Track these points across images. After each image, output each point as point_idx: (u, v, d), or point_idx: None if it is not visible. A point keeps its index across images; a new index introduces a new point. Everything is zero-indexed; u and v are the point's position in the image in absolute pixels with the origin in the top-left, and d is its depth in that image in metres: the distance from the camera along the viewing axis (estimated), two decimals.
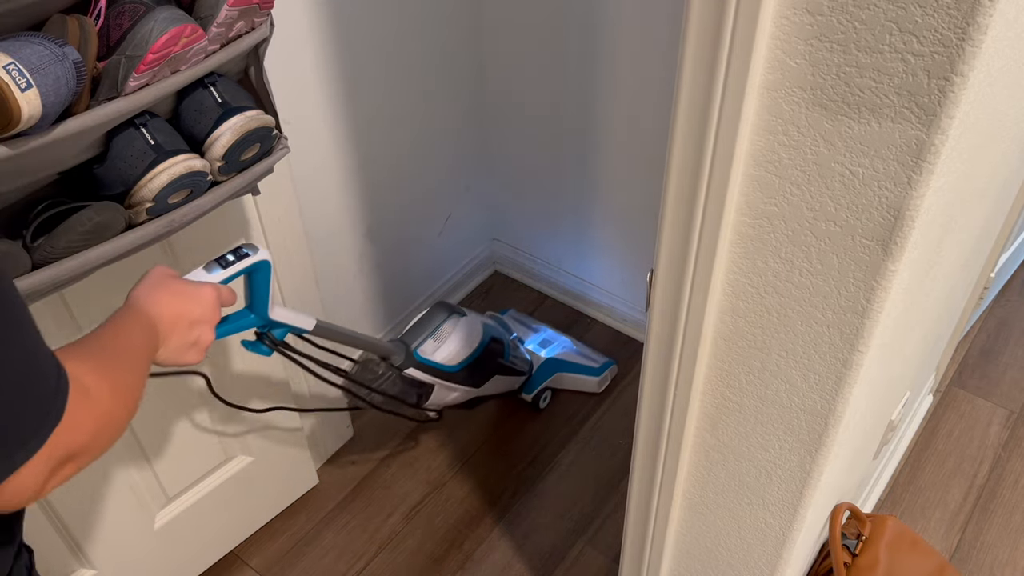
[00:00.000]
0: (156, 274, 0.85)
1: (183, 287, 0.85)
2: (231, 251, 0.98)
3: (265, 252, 1.00)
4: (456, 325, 1.57)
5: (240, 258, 0.97)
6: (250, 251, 0.98)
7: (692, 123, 0.70)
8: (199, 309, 0.85)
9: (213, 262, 0.96)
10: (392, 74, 1.61)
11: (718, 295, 0.83)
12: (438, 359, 1.51)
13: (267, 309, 1.07)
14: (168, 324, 0.81)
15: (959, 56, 0.57)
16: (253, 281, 1.04)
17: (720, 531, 1.08)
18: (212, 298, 0.87)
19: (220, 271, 0.95)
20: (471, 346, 1.57)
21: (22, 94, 0.72)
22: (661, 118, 1.63)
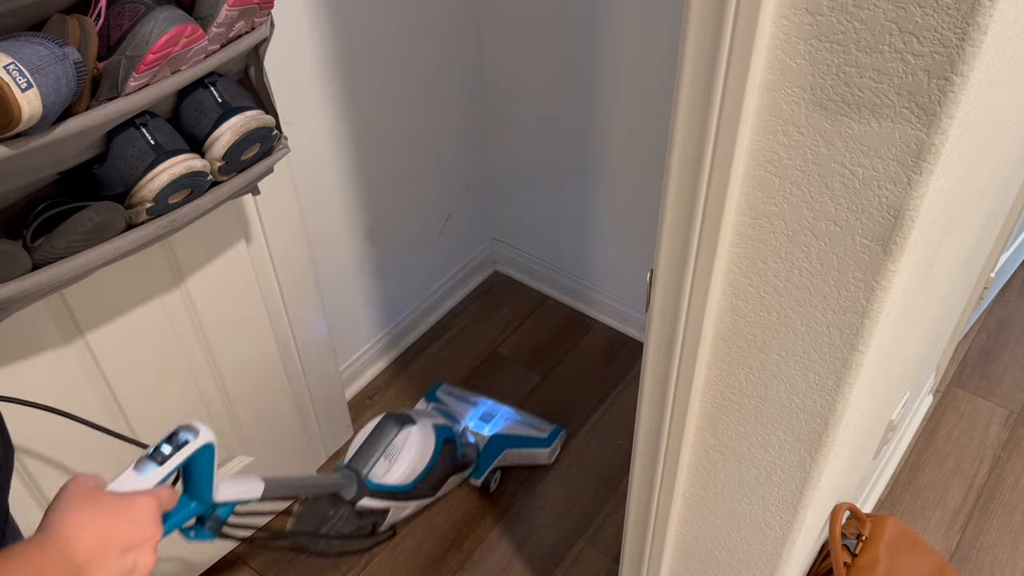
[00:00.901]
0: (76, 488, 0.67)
1: (116, 503, 0.67)
2: (166, 439, 0.80)
3: (207, 432, 0.83)
4: (408, 437, 1.45)
5: (178, 447, 0.80)
6: (189, 435, 0.81)
7: (692, 123, 0.70)
8: (134, 530, 0.67)
9: (146, 458, 0.78)
10: (392, 74, 1.61)
11: (718, 295, 0.83)
12: (392, 481, 1.40)
13: (211, 494, 0.89)
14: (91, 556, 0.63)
15: (959, 56, 0.57)
16: (193, 467, 0.85)
17: (720, 531, 1.08)
18: (151, 512, 0.70)
19: (155, 469, 0.77)
20: (426, 458, 1.46)
21: (22, 94, 0.72)
22: (661, 118, 1.63)
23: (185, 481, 0.87)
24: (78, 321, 1.12)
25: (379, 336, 1.94)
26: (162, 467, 0.77)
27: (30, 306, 1.00)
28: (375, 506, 1.37)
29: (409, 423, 1.47)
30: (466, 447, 1.63)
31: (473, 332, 2.06)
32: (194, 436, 0.81)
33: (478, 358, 2.00)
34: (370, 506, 1.35)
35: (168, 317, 1.24)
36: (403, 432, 1.45)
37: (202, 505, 0.89)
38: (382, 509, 1.39)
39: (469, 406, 1.80)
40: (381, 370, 1.97)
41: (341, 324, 1.79)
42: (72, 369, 1.15)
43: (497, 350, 2.01)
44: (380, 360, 1.97)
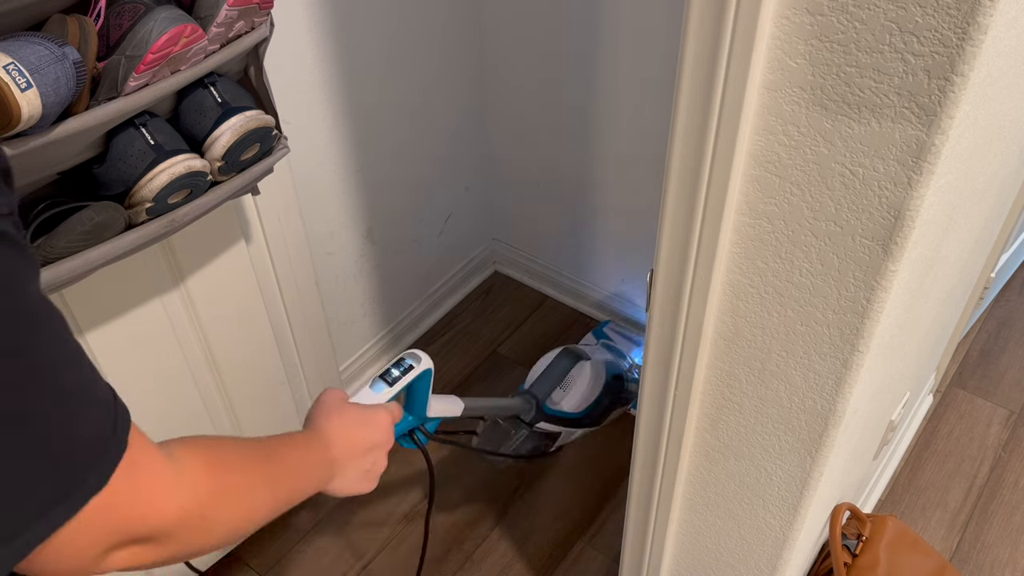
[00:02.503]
0: (330, 399, 0.81)
1: (361, 413, 0.81)
2: (394, 364, 0.97)
3: (427, 360, 1.00)
4: (582, 371, 1.62)
5: (405, 372, 0.97)
6: (413, 362, 0.98)
7: (692, 123, 0.70)
8: (376, 435, 0.81)
9: (378, 379, 0.95)
10: (392, 74, 1.61)
11: (718, 295, 0.83)
12: (566, 408, 1.56)
13: (426, 410, 1.06)
14: (346, 453, 0.77)
15: (959, 56, 0.57)
16: (414, 388, 1.02)
17: (720, 531, 1.08)
18: (388, 423, 0.84)
19: (387, 388, 0.94)
20: (596, 390, 1.62)
21: (22, 94, 0.72)
22: (661, 118, 1.63)
23: (406, 400, 1.03)
24: (78, 321, 1.12)
25: (379, 336, 1.94)
26: (391, 387, 0.94)
27: None
28: (550, 429, 1.53)
29: (584, 358, 1.63)
30: (630, 382, 1.74)
31: (473, 332, 2.06)
32: (417, 362, 0.99)
33: (478, 358, 2.00)
34: (545, 429, 1.52)
35: (168, 317, 1.24)
36: (578, 365, 1.61)
37: (417, 420, 1.06)
38: (555, 432, 1.55)
39: (633, 345, 1.90)
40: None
41: (341, 324, 1.79)
42: None
43: (497, 350, 2.01)
44: (380, 360, 1.97)
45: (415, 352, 1.00)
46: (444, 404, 1.12)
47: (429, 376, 1.02)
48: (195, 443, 0.55)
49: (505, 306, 2.13)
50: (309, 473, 0.71)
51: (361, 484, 0.80)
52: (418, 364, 0.99)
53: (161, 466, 0.49)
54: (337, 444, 0.76)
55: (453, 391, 1.91)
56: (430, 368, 1.01)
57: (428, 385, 1.03)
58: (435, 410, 1.09)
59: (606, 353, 1.74)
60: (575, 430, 1.61)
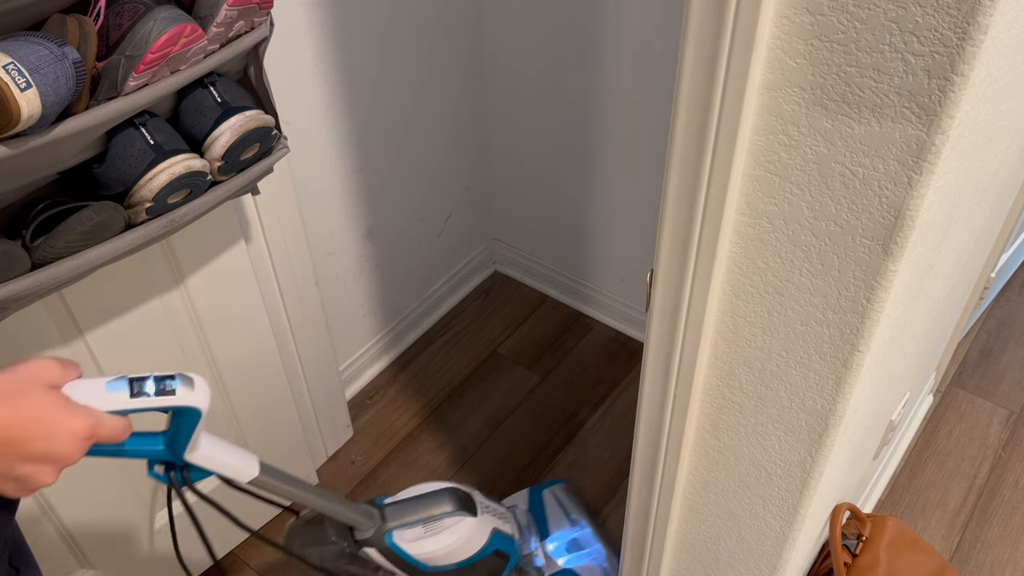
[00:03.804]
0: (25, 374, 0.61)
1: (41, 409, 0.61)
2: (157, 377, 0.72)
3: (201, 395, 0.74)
4: (459, 522, 1.25)
5: (160, 390, 0.71)
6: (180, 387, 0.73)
7: (692, 123, 0.70)
8: (43, 447, 0.60)
9: (124, 380, 0.70)
10: (392, 74, 1.61)
11: (718, 295, 0.83)
12: (414, 551, 1.19)
13: (184, 451, 0.81)
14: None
15: (959, 56, 0.57)
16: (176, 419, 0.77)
17: (720, 531, 1.08)
18: (79, 437, 0.62)
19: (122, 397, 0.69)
20: (464, 553, 1.26)
21: (22, 94, 0.72)
22: (661, 118, 1.63)
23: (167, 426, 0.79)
24: (77, 321, 1.12)
25: (379, 336, 1.94)
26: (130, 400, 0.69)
27: (29, 306, 1.00)
28: (380, 563, 1.20)
29: (469, 510, 1.28)
30: (525, 571, 1.44)
31: (473, 332, 2.06)
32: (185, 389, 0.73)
33: (478, 358, 2.00)
34: (376, 561, 1.19)
35: (167, 317, 1.24)
36: (457, 515, 1.25)
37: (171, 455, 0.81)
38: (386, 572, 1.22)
39: (566, 523, 1.57)
40: (381, 370, 1.97)
41: (341, 324, 1.79)
42: None
43: (497, 350, 2.01)
44: (380, 360, 1.97)
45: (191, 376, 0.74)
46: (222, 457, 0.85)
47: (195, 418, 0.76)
48: None
49: (505, 306, 2.13)
50: None
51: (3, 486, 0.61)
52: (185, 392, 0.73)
53: None
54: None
55: (453, 391, 1.92)
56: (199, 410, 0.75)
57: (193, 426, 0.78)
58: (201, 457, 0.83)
59: (506, 523, 1.35)
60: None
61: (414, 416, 1.87)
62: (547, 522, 1.55)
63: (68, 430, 0.61)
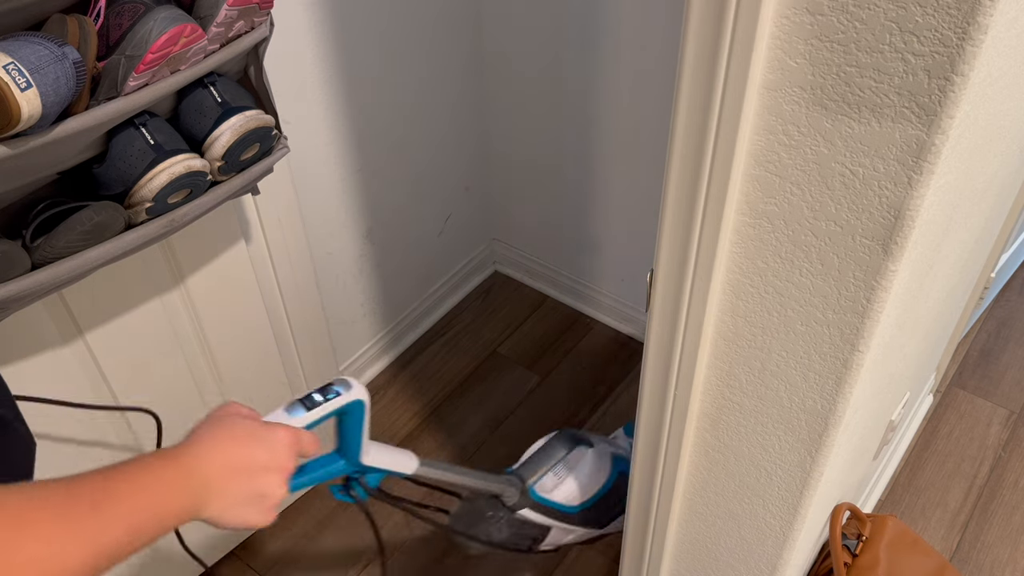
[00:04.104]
0: (222, 411, 0.70)
1: (251, 429, 0.69)
2: (319, 389, 0.84)
3: (359, 389, 0.85)
4: (581, 458, 1.37)
5: (329, 398, 0.83)
6: (342, 389, 0.84)
7: (692, 123, 0.70)
8: (266, 455, 0.68)
9: (297, 402, 0.82)
10: (392, 74, 1.61)
11: (718, 295, 0.83)
12: (557, 498, 1.32)
13: (359, 454, 0.92)
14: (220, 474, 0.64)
15: (959, 56, 0.57)
16: (343, 423, 0.89)
17: (720, 531, 1.08)
18: (286, 442, 0.71)
19: (303, 414, 0.81)
20: (597, 483, 1.37)
21: (22, 94, 0.72)
22: (662, 118, 1.63)
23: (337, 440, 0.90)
24: (77, 321, 1.12)
25: (379, 336, 1.94)
26: (309, 413, 0.80)
27: (29, 306, 1.00)
28: (536, 520, 1.29)
29: (585, 444, 1.38)
30: None
31: (473, 332, 2.06)
32: (345, 389, 0.84)
33: (478, 358, 2.00)
34: (531, 519, 1.29)
35: (167, 317, 1.24)
36: (577, 451, 1.36)
37: (350, 465, 0.92)
38: (543, 525, 1.31)
39: None
40: (381, 370, 1.97)
41: (341, 324, 1.79)
42: (71, 369, 1.15)
43: (497, 350, 2.01)
44: (380, 360, 1.97)
45: (346, 379, 0.86)
46: (388, 455, 0.96)
47: (361, 410, 0.87)
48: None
49: (505, 306, 2.13)
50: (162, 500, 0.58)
51: (249, 512, 0.67)
52: (347, 391, 0.84)
53: None
54: (212, 459, 0.63)
55: (453, 391, 1.92)
56: (362, 400, 0.85)
57: (360, 421, 0.88)
58: (374, 458, 0.93)
59: (618, 447, 1.48)
60: (570, 529, 1.35)
61: (414, 416, 1.87)
62: None
63: (278, 440, 0.70)
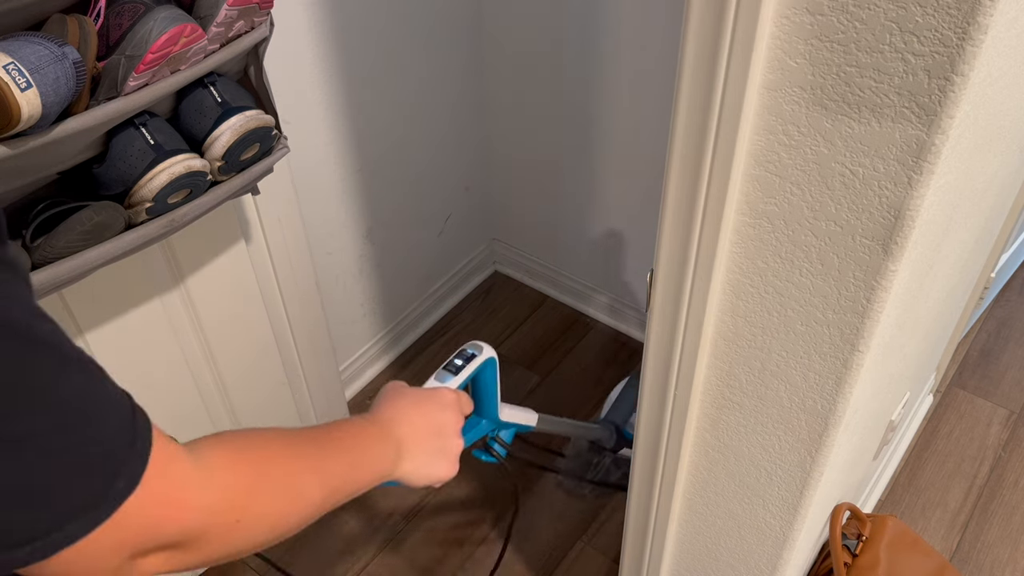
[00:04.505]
0: (391, 386, 0.79)
1: (422, 393, 0.79)
2: (456, 355, 0.94)
3: (489, 349, 0.96)
4: None
5: (468, 360, 0.93)
6: (475, 351, 0.95)
7: (692, 123, 0.70)
8: (442, 413, 0.78)
9: (441, 370, 0.92)
10: (392, 74, 1.61)
11: (718, 295, 0.83)
12: None
13: (497, 410, 1.02)
14: (411, 432, 0.73)
15: (959, 56, 0.57)
16: (480, 383, 0.99)
17: (720, 531, 1.08)
18: (453, 401, 0.80)
19: (452, 378, 0.91)
20: None
21: (22, 94, 0.72)
22: (662, 118, 1.63)
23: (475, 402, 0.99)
24: (77, 321, 1.12)
25: (379, 336, 1.94)
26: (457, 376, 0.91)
27: None
28: None
29: None
30: None
31: (473, 332, 2.06)
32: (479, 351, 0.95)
33: None
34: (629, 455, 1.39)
35: (167, 317, 1.24)
36: None
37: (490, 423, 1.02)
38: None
39: None
40: (381, 370, 1.97)
41: (341, 324, 1.79)
42: None
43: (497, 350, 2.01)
44: (380, 360, 1.97)
45: (476, 342, 0.96)
46: (517, 412, 1.09)
47: (494, 366, 0.98)
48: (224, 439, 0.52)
49: (505, 306, 2.13)
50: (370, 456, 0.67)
51: (438, 466, 0.76)
52: (480, 353, 0.95)
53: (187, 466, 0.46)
54: (400, 423, 0.72)
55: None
56: (494, 357, 0.97)
57: (495, 379, 0.99)
58: (508, 415, 1.05)
59: None
60: None
61: None
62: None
63: (448, 400, 0.80)
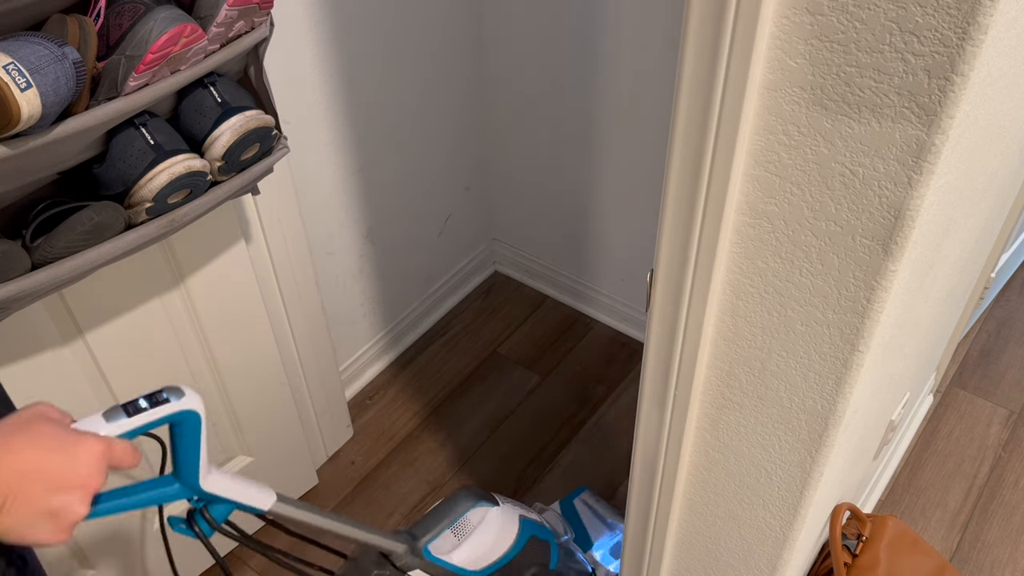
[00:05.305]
0: (28, 412, 0.63)
1: (57, 437, 0.61)
2: (147, 395, 0.72)
3: (193, 398, 0.74)
4: (484, 517, 1.23)
5: (155, 404, 0.71)
6: (172, 396, 0.72)
7: (692, 123, 0.70)
8: (68, 468, 0.60)
9: (119, 407, 0.70)
10: (392, 74, 1.61)
11: (718, 295, 0.83)
12: (456, 560, 1.17)
13: (198, 477, 0.79)
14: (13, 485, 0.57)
15: (959, 56, 0.57)
16: (178, 437, 0.76)
17: (720, 531, 1.08)
18: (94, 455, 0.62)
19: (123, 420, 0.69)
20: (502, 547, 1.22)
21: (22, 94, 0.72)
22: (661, 118, 1.63)
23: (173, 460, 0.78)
24: (77, 321, 1.12)
25: (379, 336, 1.94)
26: (129, 419, 0.69)
27: (29, 306, 1.00)
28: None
29: (489, 502, 1.27)
30: (568, 562, 1.35)
31: (473, 332, 2.06)
32: (176, 398, 0.72)
33: (478, 358, 2.00)
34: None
35: (167, 317, 1.24)
36: (479, 510, 1.24)
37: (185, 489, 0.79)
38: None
39: (604, 529, 1.54)
40: (381, 370, 1.97)
41: (341, 324, 1.79)
42: (71, 369, 1.15)
43: (497, 350, 2.01)
44: (380, 360, 1.97)
45: (180, 387, 0.74)
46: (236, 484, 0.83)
47: (196, 422, 0.74)
48: None
49: (505, 306, 2.13)
50: None
51: (40, 530, 0.60)
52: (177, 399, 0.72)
53: None
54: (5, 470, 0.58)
55: (453, 391, 1.92)
56: (195, 410, 0.73)
57: (197, 437, 0.76)
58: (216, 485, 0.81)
59: (528, 512, 1.33)
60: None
61: (414, 416, 1.87)
62: (587, 531, 1.52)
63: (85, 451, 0.62)
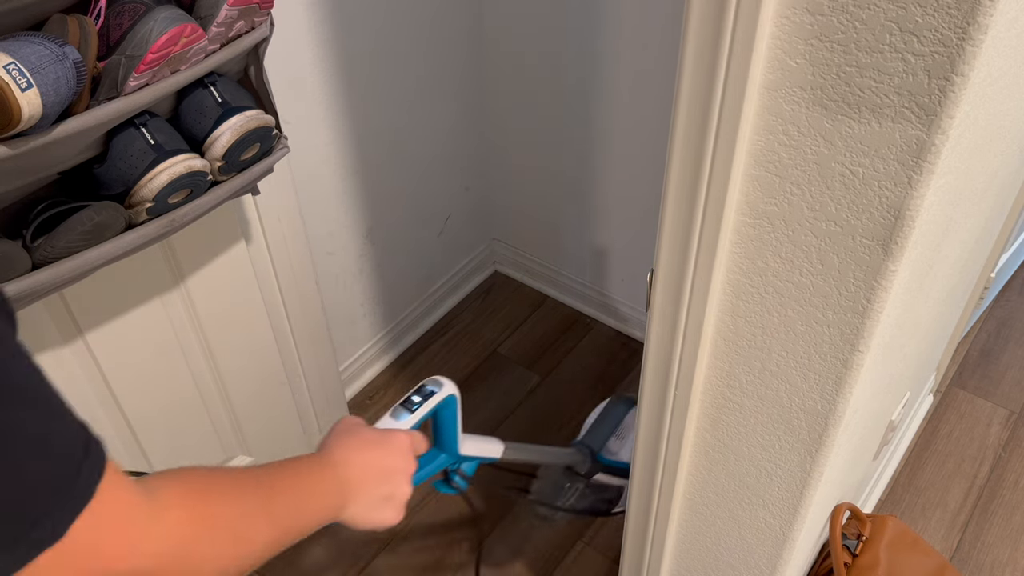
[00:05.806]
0: (345, 424, 0.78)
1: (374, 435, 0.77)
2: (415, 391, 0.93)
3: (450, 386, 0.95)
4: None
5: (426, 397, 0.92)
6: (435, 388, 0.93)
7: (692, 123, 0.70)
8: (392, 458, 0.76)
9: (399, 407, 0.91)
10: (392, 74, 1.61)
11: (718, 295, 0.83)
12: (625, 457, 1.40)
13: (457, 445, 1.01)
14: (359, 476, 0.71)
15: (959, 56, 0.57)
16: (440, 418, 0.98)
17: (720, 531, 1.08)
18: (406, 445, 0.79)
19: (408, 416, 0.90)
20: None
21: (22, 94, 0.72)
22: (662, 118, 1.63)
23: (435, 436, 0.99)
24: (78, 321, 1.12)
25: (379, 336, 1.94)
26: (413, 414, 0.90)
27: (30, 306, 1.00)
28: (610, 483, 1.39)
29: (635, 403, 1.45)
30: None
31: (473, 332, 2.06)
32: (438, 388, 0.93)
33: (478, 358, 2.00)
34: (605, 482, 1.38)
35: (168, 317, 1.24)
36: (633, 411, 1.43)
37: (449, 457, 1.01)
38: (617, 486, 1.40)
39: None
40: (381, 370, 1.97)
41: (341, 324, 1.79)
42: (71, 369, 1.15)
43: (497, 350, 2.01)
44: (380, 360, 1.97)
45: (437, 378, 0.95)
46: (479, 443, 1.06)
47: (454, 403, 0.96)
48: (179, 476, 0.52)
49: (505, 306, 2.13)
50: (317, 499, 0.67)
51: (383, 512, 0.74)
52: (440, 389, 0.93)
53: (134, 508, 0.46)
54: (349, 466, 0.71)
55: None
56: (454, 395, 0.95)
57: (455, 414, 0.98)
58: (468, 448, 1.03)
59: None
60: None
61: None
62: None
63: (398, 444, 0.78)
